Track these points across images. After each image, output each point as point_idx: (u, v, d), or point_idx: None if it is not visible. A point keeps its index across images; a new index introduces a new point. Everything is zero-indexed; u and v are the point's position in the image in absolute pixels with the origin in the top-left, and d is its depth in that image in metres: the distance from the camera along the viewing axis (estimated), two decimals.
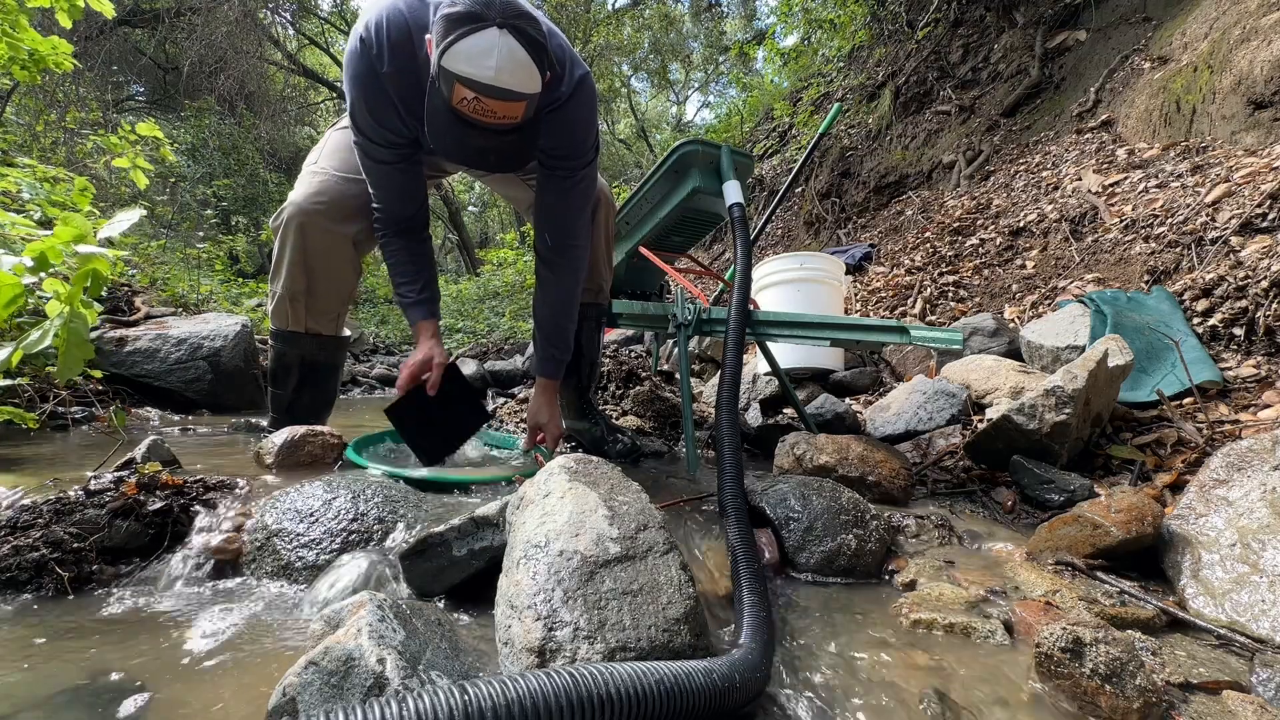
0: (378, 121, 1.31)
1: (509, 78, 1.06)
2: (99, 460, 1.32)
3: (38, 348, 0.96)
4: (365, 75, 1.26)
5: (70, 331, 0.97)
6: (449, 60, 1.05)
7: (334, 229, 1.55)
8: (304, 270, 1.58)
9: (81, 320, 0.99)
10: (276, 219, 1.59)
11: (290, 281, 1.59)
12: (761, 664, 0.66)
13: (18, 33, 2.36)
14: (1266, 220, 2.12)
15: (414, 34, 1.23)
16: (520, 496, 0.84)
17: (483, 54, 1.03)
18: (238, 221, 11.95)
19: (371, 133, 1.33)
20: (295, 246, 1.56)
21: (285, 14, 12.36)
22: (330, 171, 1.57)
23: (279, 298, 1.61)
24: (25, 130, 5.62)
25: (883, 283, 3.92)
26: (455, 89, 1.07)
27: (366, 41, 1.24)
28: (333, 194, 1.54)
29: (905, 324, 1.50)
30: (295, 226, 1.55)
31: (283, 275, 1.59)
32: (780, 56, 8.11)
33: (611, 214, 1.75)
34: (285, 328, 1.64)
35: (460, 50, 1.04)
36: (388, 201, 1.44)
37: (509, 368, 4.89)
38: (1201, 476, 1.07)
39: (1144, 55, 4.00)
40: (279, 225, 1.59)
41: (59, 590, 0.85)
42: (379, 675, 0.55)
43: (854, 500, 1.09)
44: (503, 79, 1.05)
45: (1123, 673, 0.65)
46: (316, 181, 1.56)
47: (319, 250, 1.57)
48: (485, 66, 1.04)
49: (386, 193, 1.43)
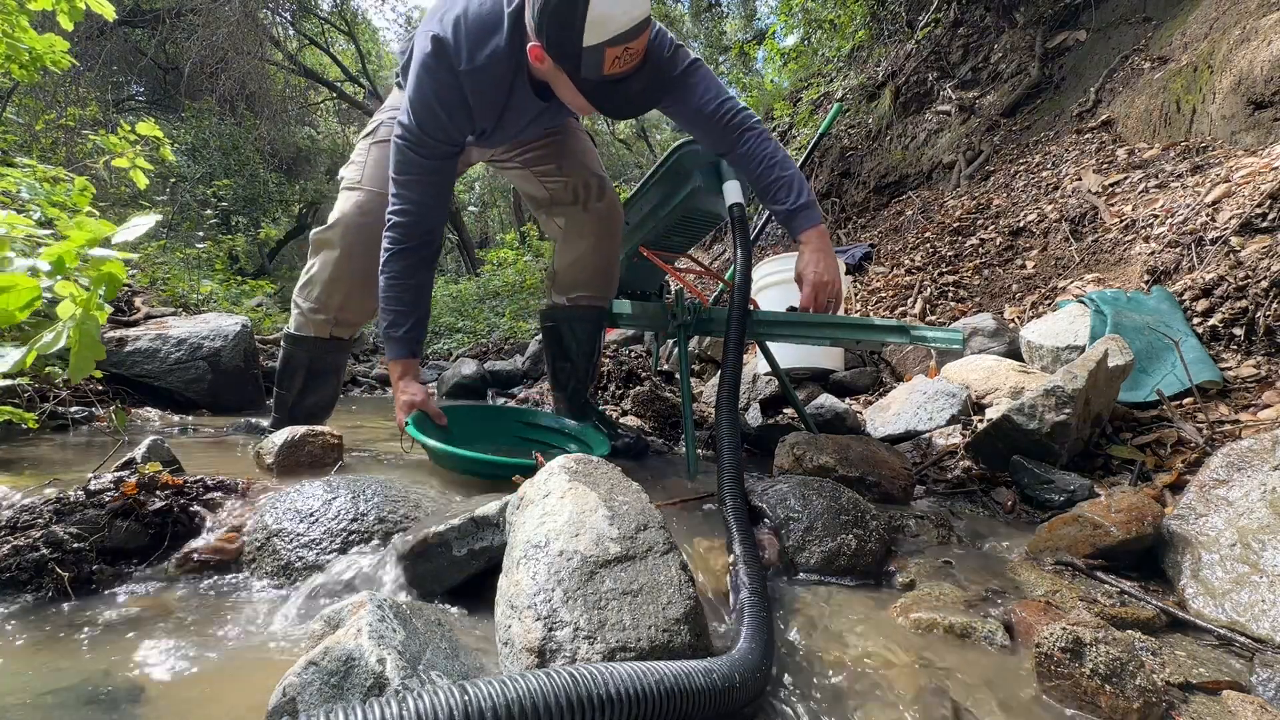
0: (449, 119, 1.32)
1: (636, 9, 1.13)
2: (99, 460, 1.32)
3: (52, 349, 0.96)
4: (441, 73, 1.27)
5: (83, 333, 0.97)
6: (592, 35, 1.12)
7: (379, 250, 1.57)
8: (344, 287, 1.61)
9: (94, 322, 0.99)
10: (321, 234, 1.61)
11: (326, 296, 1.61)
12: (762, 664, 0.66)
13: (16, 33, 2.36)
14: (1266, 220, 2.12)
15: (490, 33, 1.26)
16: (520, 496, 0.84)
17: (610, 6, 1.11)
18: (238, 221, 11.96)
19: (436, 132, 1.33)
20: (338, 264, 1.59)
21: (285, 14, 12.36)
22: (375, 190, 1.57)
23: (310, 310, 1.63)
24: (25, 130, 5.62)
25: (883, 283, 3.92)
26: (605, 56, 1.14)
27: (443, 40, 1.25)
28: (377, 214, 1.54)
29: (905, 324, 1.50)
30: (342, 246, 1.57)
31: (319, 289, 1.61)
32: (780, 56, 8.12)
33: (621, 219, 1.77)
34: (309, 335, 1.66)
35: (595, 19, 1.11)
36: (423, 208, 1.41)
37: (509, 368, 4.89)
38: (1201, 476, 1.07)
39: (1144, 55, 4.01)
40: (323, 241, 1.60)
41: (59, 591, 0.85)
42: (379, 675, 0.55)
43: (854, 500, 1.09)
44: (634, 14, 1.13)
45: (1123, 673, 0.65)
46: (363, 200, 1.57)
47: (360, 269, 1.59)
48: (620, 17, 1.12)
49: (425, 197, 1.41)
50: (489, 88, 1.31)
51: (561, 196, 1.74)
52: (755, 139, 1.41)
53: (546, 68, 1.25)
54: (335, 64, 13.97)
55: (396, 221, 1.41)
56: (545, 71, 1.27)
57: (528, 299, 8.55)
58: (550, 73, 1.26)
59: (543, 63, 1.24)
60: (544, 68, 1.26)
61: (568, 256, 1.77)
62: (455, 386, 4.56)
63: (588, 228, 1.72)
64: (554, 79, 1.28)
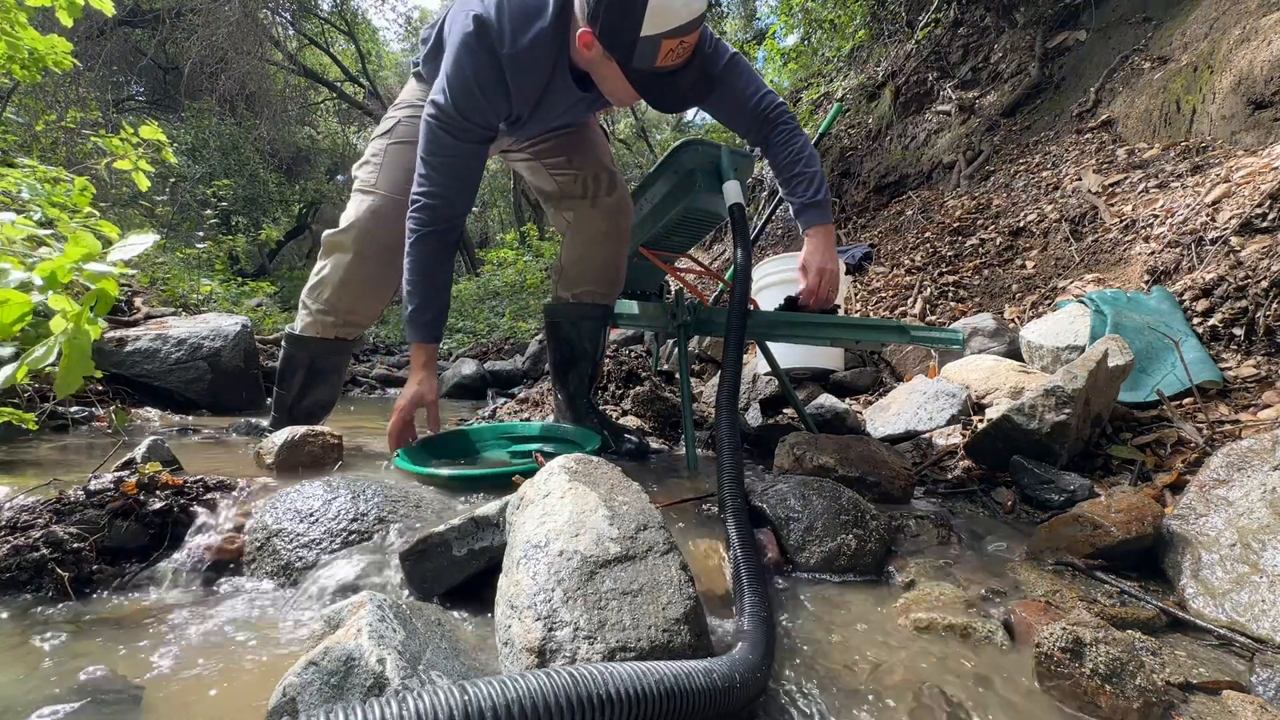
0: (488, 101, 1.29)
1: (697, 2, 1.14)
2: (99, 460, 1.32)
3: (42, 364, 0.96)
4: (482, 54, 1.25)
5: (73, 348, 0.97)
6: (652, 25, 1.11)
7: (388, 262, 1.58)
8: (354, 289, 1.60)
9: (85, 336, 0.99)
10: (333, 236, 1.60)
11: (336, 299, 1.61)
12: (762, 664, 0.66)
13: (16, 31, 2.36)
14: (1266, 220, 2.12)
15: (534, 16, 1.25)
16: (520, 496, 0.84)
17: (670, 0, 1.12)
18: (238, 222, 11.96)
19: (473, 115, 1.30)
20: (350, 268, 1.58)
21: (285, 14, 12.36)
22: (392, 196, 1.56)
23: (320, 311, 1.63)
24: (25, 130, 5.62)
25: (883, 283, 3.91)
26: (661, 48, 1.14)
27: (486, 21, 1.23)
28: (391, 220, 1.54)
29: (905, 324, 1.50)
30: (355, 250, 1.57)
31: (329, 291, 1.60)
32: (780, 56, 8.11)
33: (630, 216, 1.77)
34: (316, 335, 1.66)
35: (656, 8, 1.11)
36: (450, 192, 1.37)
37: (509, 368, 4.90)
38: (1201, 476, 1.07)
39: (1144, 55, 4.00)
40: (335, 244, 1.59)
41: (59, 591, 0.85)
42: (379, 675, 0.55)
43: (854, 500, 1.09)
44: (695, 7, 1.14)
45: (1123, 673, 0.65)
46: (379, 205, 1.56)
47: (372, 274, 1.59)
48: (681, 10, 1.12)
49: (454, 180, 1.37)
50: (531, 73, 1.28)
51: (571, 190, 1.72)
52: (788, 132, 1.51)
53: (594, 55, 1.23)
54: (335, 64, 13.98)
55: (425, 204, 1.36)
56: (590, 59, 1.25)
57: (528, 299, 8.55)
58: (596, 61, 1.25)
59: (590, 50, 1.22)
60: (590, 55, 1.24)
61: (575, 252, 1.75)
62: (455, 386, 4.56)
63: (596, 224, 1.71)
64: (598, 68, 1.27)
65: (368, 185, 1.59)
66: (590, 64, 1.28)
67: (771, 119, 1.50)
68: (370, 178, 1.59)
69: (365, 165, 1.62)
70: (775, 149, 1.52)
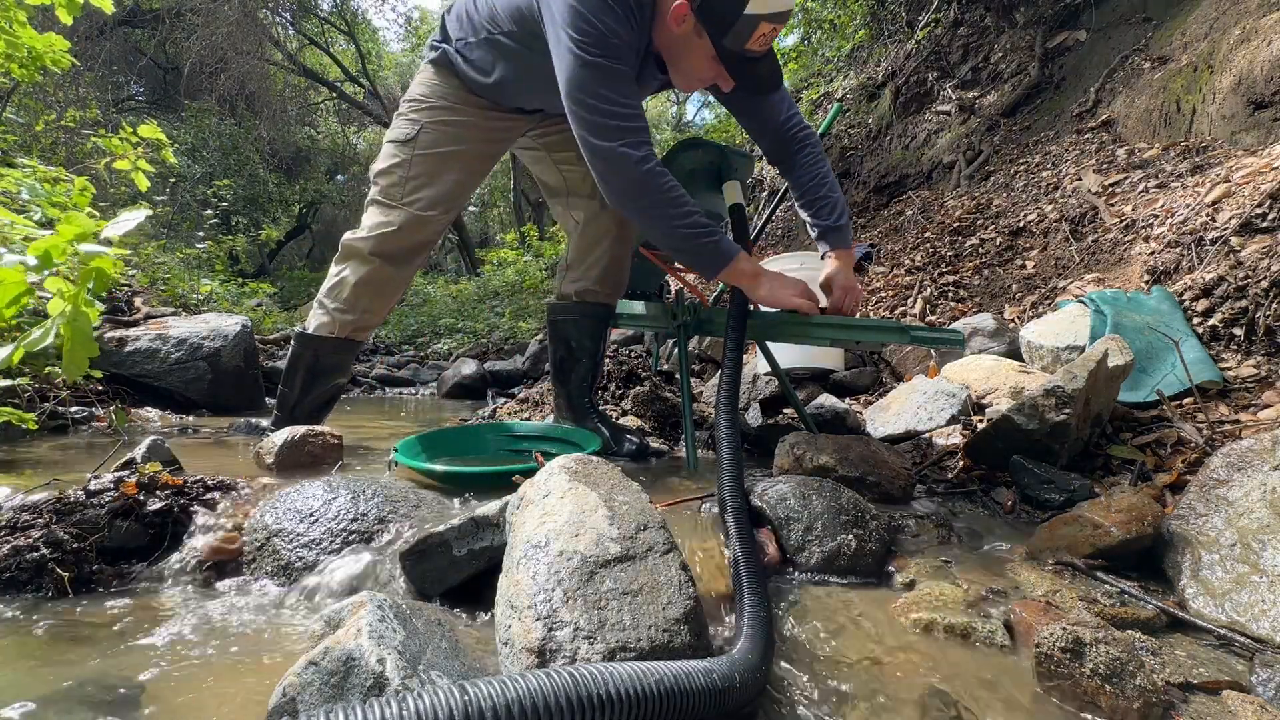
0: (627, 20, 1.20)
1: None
2: (99, 460, 1.32)
3: (40, 346, 0.95)
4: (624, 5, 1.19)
5: (75, 330, 0.96)
6: (757, 5, 1.14)
7: (407, 265, 1.60)
8: (373, 289, 1.62)
9: (85, 318, 0.98)
10: (353, 241, 1.61)
11: (355, 298, 1.62)
12: (761, 664, 0.66)
13: (15, 30, 2.36)
14: (1266, 220, 2.12)
15: None
16: (520, 496, 0.84)
17: None
18: (238, 221, 11.96)
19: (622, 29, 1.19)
20: (370, 272, 1.59)
21: (285, 14, 12.36)
22: (415, 213, 1.56)
23: (337, 310, 1.64)
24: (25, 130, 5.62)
25: (883, 283, 3.91)
26: (757, 30, 1.17)
27: None
28: (413, 235, 1.55)
29: (906, 324, 1.50)
30: (375, 259, 1.58)
31: (348, 291, 1.61)
32: (780, 56, 8.11)
33: None
34: (329, 335, 1.66)
35: None
36: (640, 110, 1.26)
37: (509, 368, 4.90)
38: (1201, 476, 1.07)
39: (1144, 55, 4.01)
40: (354, 250, 1.60)
41: (59, 590, 0.85)
42: (379, 675, 0.55)
43: (854, 500, 1.09)
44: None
45: (1123, 673, 0.65)
46: (402, 221, 1.56)
47: (391, 277, 1.60)
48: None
49: (636, 98, 1.27)
50: (641, 32, 1.25)
51: (579, 187, 1.71)
52: (814, 155, 1.57)
53: (684, 30, 1.22)
54: (335, 64, 13.98)
55: (633, 127, 1.21)
56: (678, 35, 1.23)
57: (528, 299, 8.55)
58: (682, 37, 1.23)
59: (680, 25, 1.21)
60: (680, 30, 1.22)
61: (581, 252, 1.75)
62: (455, 386, 4.56)
63: (606, 225, 1.71)
64: (683, 45, 1.26)
65: (392, 199, 1.56)
66: (675, 41, 1.26)
67: (800, 139, 1.56)
68: (395, 191, 1.56)
69: (388, 173, 1.57)
70: (799, 169, 1.57)
